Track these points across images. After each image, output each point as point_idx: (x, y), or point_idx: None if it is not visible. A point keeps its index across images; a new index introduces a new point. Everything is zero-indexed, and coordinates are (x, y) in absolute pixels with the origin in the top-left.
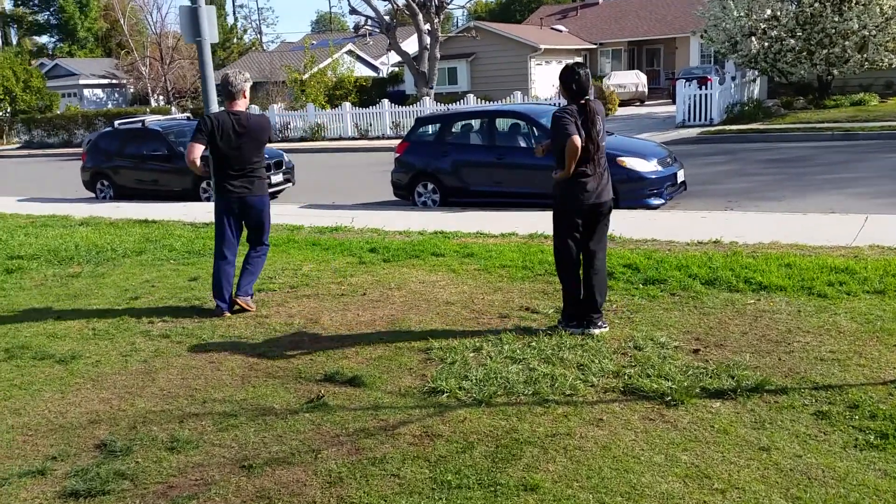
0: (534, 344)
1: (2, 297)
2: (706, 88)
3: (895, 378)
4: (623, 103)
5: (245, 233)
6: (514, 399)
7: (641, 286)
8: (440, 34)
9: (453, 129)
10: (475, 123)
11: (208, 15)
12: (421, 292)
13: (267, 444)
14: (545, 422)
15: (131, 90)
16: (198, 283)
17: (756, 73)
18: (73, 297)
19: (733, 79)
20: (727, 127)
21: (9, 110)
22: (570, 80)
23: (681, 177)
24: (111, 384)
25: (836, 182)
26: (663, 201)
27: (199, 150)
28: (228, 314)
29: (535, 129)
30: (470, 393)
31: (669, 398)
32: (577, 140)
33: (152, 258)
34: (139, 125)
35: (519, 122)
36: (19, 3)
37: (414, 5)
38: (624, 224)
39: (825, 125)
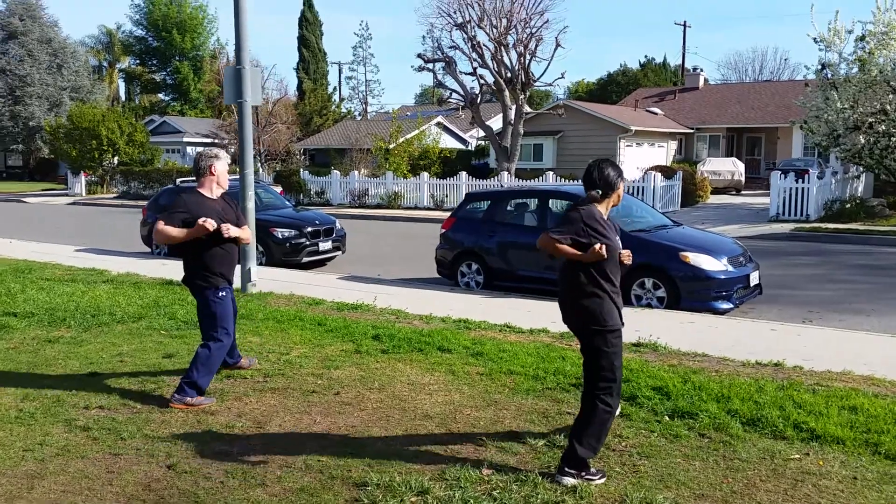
0: (496, 493)
1: None
2: (803, 182)
3: None
4: (717, 191)
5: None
6: None
7: (667, 419)
8: (525, 111)
9: (503, 208)
10: (528, 203)
11: (252, 77)
12: (402, 398)
13: None
14: None
15: (232, 150)
16: (170, 361)
17: (861, 169)
18: (34, 366)
19: (835, 174)
20: (823, 225)
21: (114, 161)
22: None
23: (755, 279)
24: None
25: None
26: (731, 306)
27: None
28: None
29: None
30: None
31: None
32: None
33: (146, 326)
34: None
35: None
36: (140, 62)
37: (501, 81)
38: (677, 331)
39: None
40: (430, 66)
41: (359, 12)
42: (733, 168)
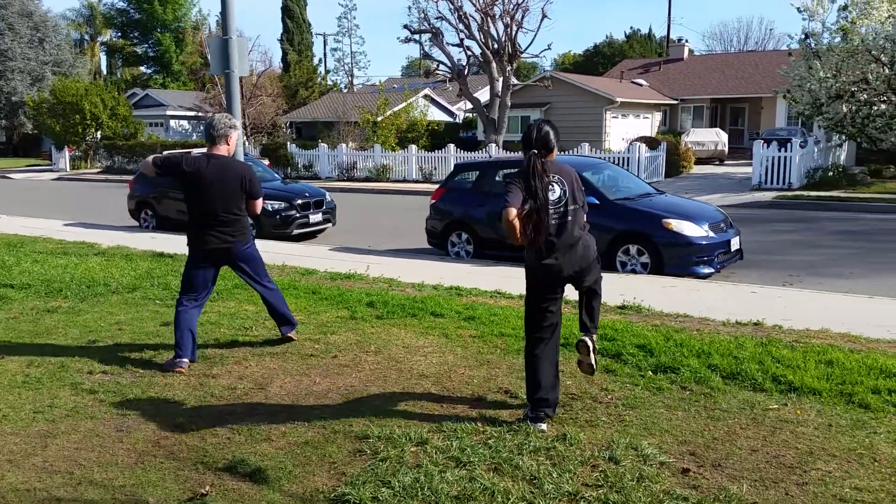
0: (492, 442)
1: None
2: (786, 150)
3: None
4: (701, 161)
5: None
6: None
7: (650, 374)
8: (512, 82)
9: (492, 178)
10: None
11: (239, 48)
12: (398, 359)
13: None
14: None
15: None
16: (168, 329)
17: (843, 137)
18: (36, 334)
19: (817, 142)
20: (805, 192)
21: (97, 136)
22: (525, 136)
23: (735, 244)
24: (0, 447)
25: None
26: (713, 270)
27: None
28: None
29: None
30: None
31: None
32: (513, 212)
33: (141, 296)
34: None
35: None
36: (122, 35)
37: (488, 53)
38: (660, 294)
39: None
40: (416, 37)
41: None
42: (717, 138)
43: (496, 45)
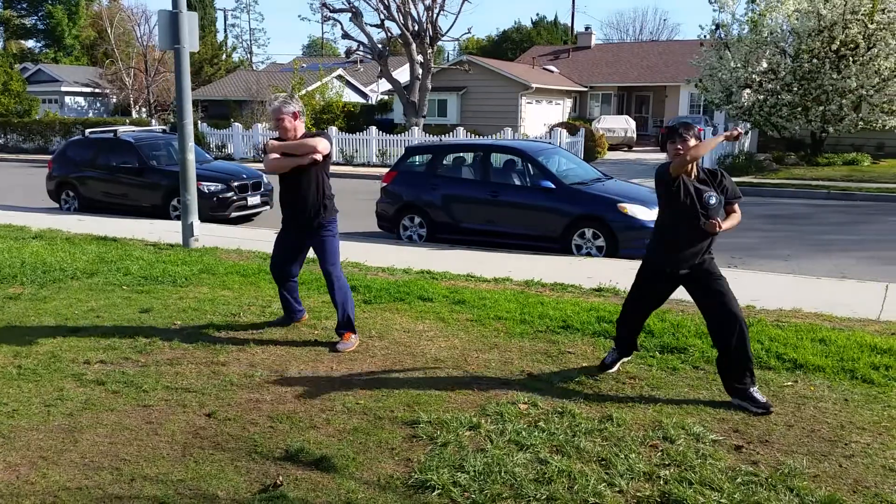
0: (542, 424)
1: None
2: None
3: None
4: (612, 148)
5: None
6: None
7: (658, 354)
8: (433, 65)
9: (445, 162)
10: (469, 157)
11: (189, 22)
12: (406, 344)
13: None
14: None
15: (114, 100)
16: (150, 315)
17: (748, 125)
18: (8, 323)
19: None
20: None
21: None
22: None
23: None
24: (24, 444)
25: (840, 244)
26: None
27: None
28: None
29: (531, 166)
30: (468, 491)
31: None
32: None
33: (103, 282)
34: (111, 135)
35: (515, 158)
36: (7, 5)
37: (408, 35)
38: (626, 276)
39: (820, 183)
40: (335, 16)
41: None
42: (626, 125)
43: (417, 27)
